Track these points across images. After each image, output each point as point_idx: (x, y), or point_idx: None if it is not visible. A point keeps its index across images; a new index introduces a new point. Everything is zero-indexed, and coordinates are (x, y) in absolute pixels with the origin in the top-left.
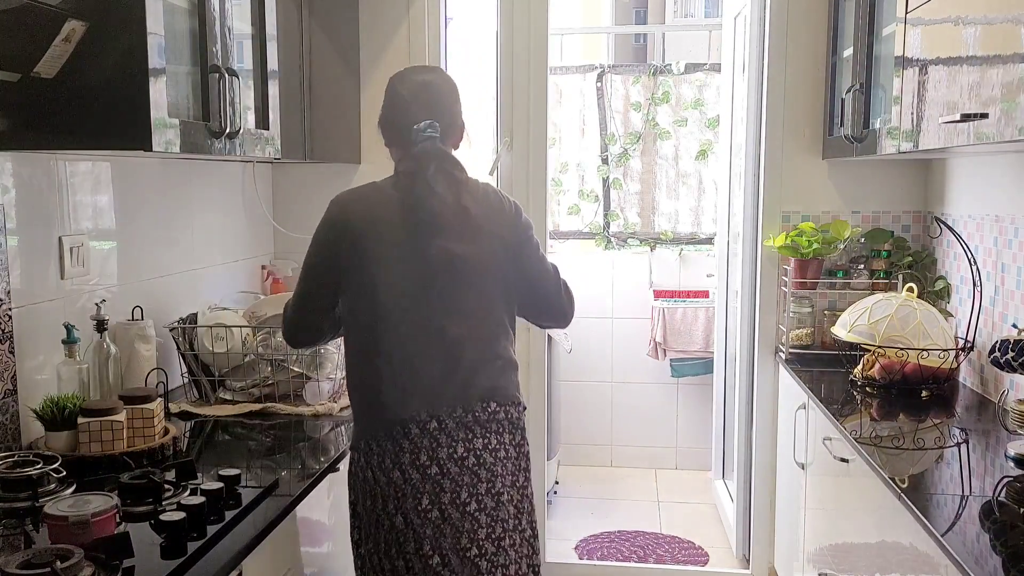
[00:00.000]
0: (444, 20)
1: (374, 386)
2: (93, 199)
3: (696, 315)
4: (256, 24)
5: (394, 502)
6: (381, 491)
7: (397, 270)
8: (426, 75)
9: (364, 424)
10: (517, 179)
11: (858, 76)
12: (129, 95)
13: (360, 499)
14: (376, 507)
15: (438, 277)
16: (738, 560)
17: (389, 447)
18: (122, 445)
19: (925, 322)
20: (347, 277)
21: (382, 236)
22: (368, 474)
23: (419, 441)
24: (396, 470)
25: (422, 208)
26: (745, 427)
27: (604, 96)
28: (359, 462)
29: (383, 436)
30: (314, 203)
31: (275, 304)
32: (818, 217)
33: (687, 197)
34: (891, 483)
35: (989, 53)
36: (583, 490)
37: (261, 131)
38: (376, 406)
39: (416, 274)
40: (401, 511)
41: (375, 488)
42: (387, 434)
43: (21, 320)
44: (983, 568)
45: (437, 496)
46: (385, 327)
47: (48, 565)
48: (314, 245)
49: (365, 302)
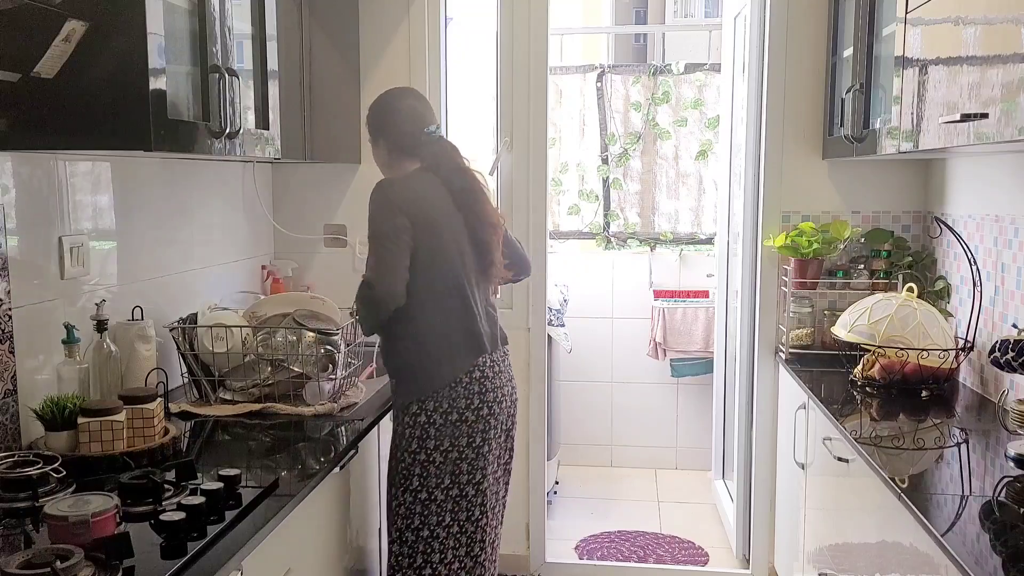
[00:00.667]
0: (444, 20)
1: (448, 337)
2: (93, 199)
3: (696, 315)
4: (256, 24)
5: (468, 435)
6: (467, 425)
7: (449, 237)
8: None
9: (437, 373)
10: (517, 179)
11: (858, 76)
12: (129, 95)
13: (434, 441)
14: (454, 442)
15: (473, 241)
16: (738, 560)
17: (471, 388)
18: (122, 445)
19: (925, 322)
20: (418, 244)
21: (436, 207)
22: (463, 412)
23: (485, 378)
24: (479, 402)
25: (459, 184)
26: (745, 427)
27: (604, 96)
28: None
29: (463, 380)
30: (314, 203)
31: (275, 304)
32: (818, 217)
33: (687, 197)
34: (891, 483)
35: (989, 53)
36: (583, 490)
37: (261, 131)
38: (455, 351)
39: (461, 239)
40: (471, 443)
41: (465, 421)
42: (468, 376)
43: (21, 320)
44: (983, 568)
45: (492, 424)
46: (450, 286)
47: (48, 565)
48: (384, 217)
49: (436, 265)
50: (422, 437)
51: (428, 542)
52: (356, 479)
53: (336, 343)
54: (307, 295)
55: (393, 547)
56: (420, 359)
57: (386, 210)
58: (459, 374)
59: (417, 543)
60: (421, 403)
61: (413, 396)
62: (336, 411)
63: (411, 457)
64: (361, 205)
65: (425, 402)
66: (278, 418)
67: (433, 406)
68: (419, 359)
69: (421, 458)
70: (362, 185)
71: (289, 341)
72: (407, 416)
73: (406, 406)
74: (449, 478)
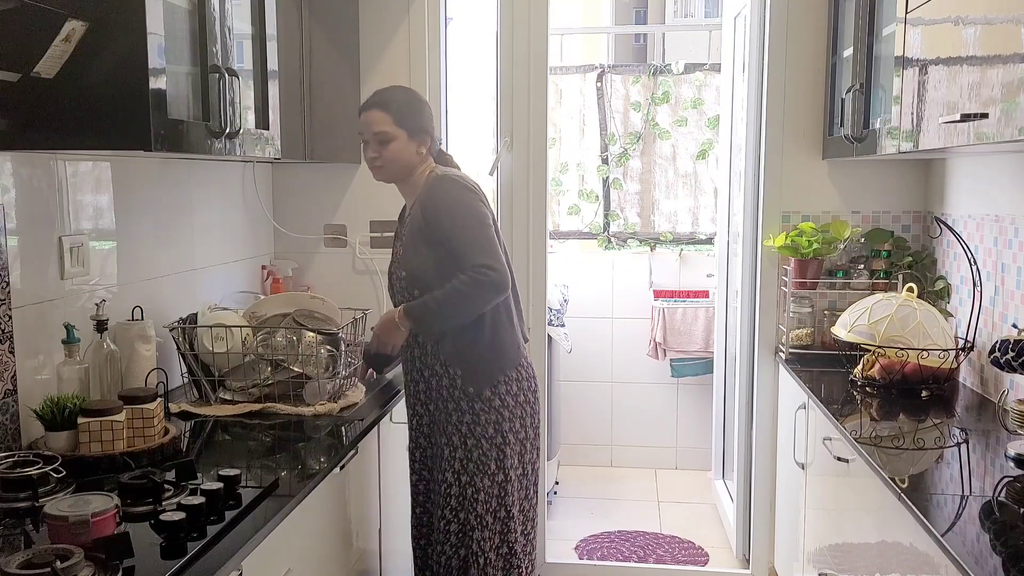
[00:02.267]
0: (444, 20)
1: (512, 322)
2: (93, 199)
3: (696, 315)
4: (256, 24)
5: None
6: (530, 407)
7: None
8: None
9: (508, 357)
10: (517, 179)
11: (858, 76)
12: (129, 95)
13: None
14: (523, 422)
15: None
16: (738, 560)
17: (528, 371)
18: (122, 445)
19: (925, 322)
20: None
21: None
22: (527, 395)
23: (530, 363)
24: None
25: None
26: (745, 427)
27: (604, 96)
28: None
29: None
30: (314, 203)
31: (275, 304)
32: (818, 217)
33: (687, 197)
34: (891, 483)
35: (989, 53)
36: (583, 490)
37: (261, 131)
38: (516, 337)
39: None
40: (533, 423)
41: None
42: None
43: (21, 320)
44: (983, 568)
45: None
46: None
47: (48, 565)
48: (474, 204)
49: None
50: (498, 421)
51: (506, 522)
52: (356, 479)
53: (336, 343)
54: (307, 295)
55: (475, 534)
56: (494, 344)
57: (471, 197)
58: (521, 357)
59: (496, 524)
60: (494, 387)
61: (489, 382)
62: (336, 411)
63: (488, 442)
64: (361, 205)
65: (498, 386)
66: (278, 418)
67: (505, 389)
68: (492, 344)
69: (498, 441)
70: (362, 185)
71: (289, 341)
72: (479, 403)
73: (478, 393)
74: (518, 458)
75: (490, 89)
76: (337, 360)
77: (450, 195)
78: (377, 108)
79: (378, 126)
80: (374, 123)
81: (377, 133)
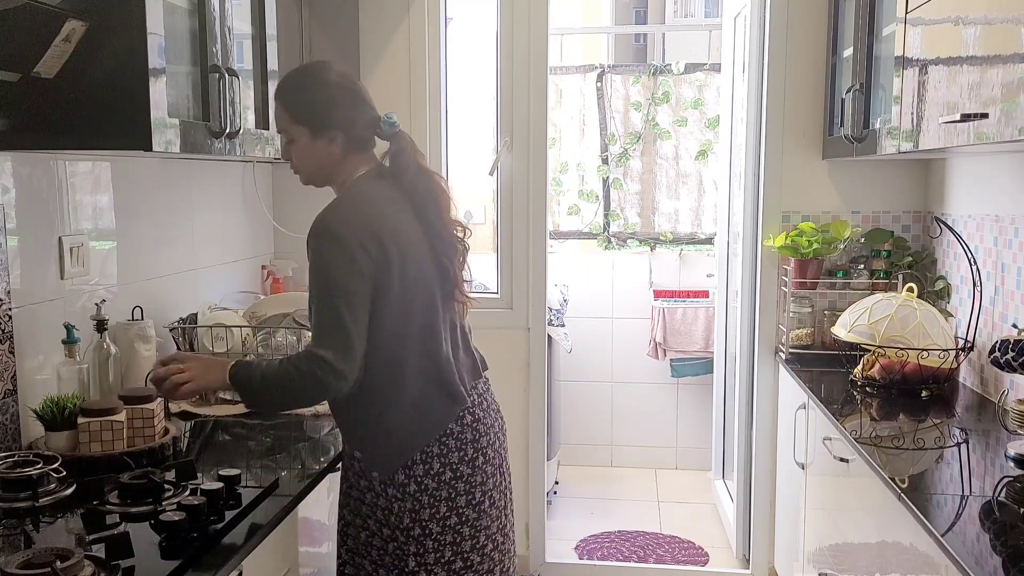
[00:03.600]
0: (444, 20)
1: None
2: (93, 199)
3: (696, 315)
4: (256, 24)
5: (465, 494)
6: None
7: (414, 267)
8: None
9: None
10: (517, 179)
11: (858, 76)
12: (129, 95)
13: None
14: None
15: (435, 261)
16: (738, 560)
17: (464, 436)
18: (122, 445)
19: (925, 322)
20: (383, 288)
21: (401, 231)
22: (445, 474)
23: (476, 420)
24: (473, 452)
25: (422, 189)
26: (745, 427)
27: (604, 96)
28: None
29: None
30: (314, 203)
31: (275, 304)
32: (818, 217)
33: (687, 197)
34: (891, 483)
35: (989, 53)
36: (583, 490)
37: (261, 131)
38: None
39: (425, 264)
40: (471, 501)
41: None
42: (458, 423)
43: (21, 320)
44: (983, 568)
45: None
46: (422, 329)
47: (48, 565)
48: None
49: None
50: (414, 509)
51: None
52: None
53: None
54: (307, 295)
55: None
56: (398, 420)
57: (346, 257)
58: (447, 424)
59: None
60: (408, 470)
61: (398, 463)
62: None
63: (404, 535)
64: None
65: (413, 468)
66: (278, 418)
67: (423, 470)
68: (397, 421)
69: (416, 533)
70: None
71: (289, 341)
72: (393, 488)
73: (390, 478)
74: (450, 549)
75: (490, 89)
76: None
77: (319, 249)
78: (277, 100)
79: (279, 123)
80: (276, 119)
81: (280, 132)
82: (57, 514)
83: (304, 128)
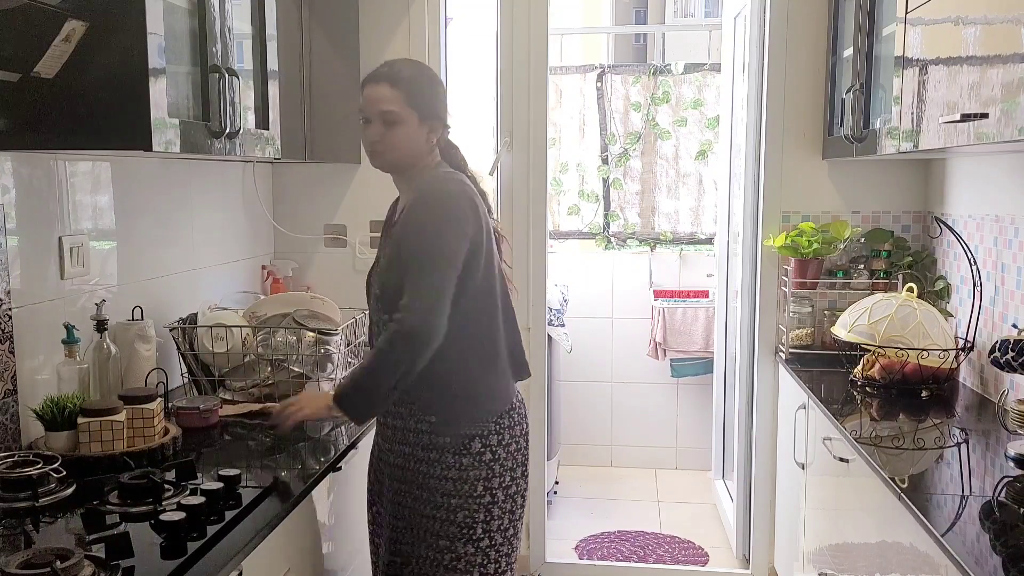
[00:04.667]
0: (444, 20)
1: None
2: (93, 199)
3: (696, 315)
4: (256, 24)
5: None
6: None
7: (490, 246)
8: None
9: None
10: (517, 179)
11: (858, 76)
12: (129, 95)
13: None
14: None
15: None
16: (738, 560)
17: (520, 410)
18: (122, 445)
19: (925, 322)
20: (475, 260)
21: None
22: (511, 446)
23: (523, 401)
24: (527, 427)
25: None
26: (745, 427)
27: (604, 96)
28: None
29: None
30: (314, 203)
31: (275, 304)
32: (818, 217)
33: (687, 197)
34: (891, 483)
35: (989, 53)
36: (583, 490)
37: (261, 131)
38: (506, 374)
39: (493, 247)
40: (524, 473)
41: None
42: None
43: (21, 320)
44: (983, 568)
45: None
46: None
47: (48, 565)
48: (449, 239)
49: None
50: (487, 477)
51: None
52: (356, 479)
53: (336, 343)
54: (307, 295)
55: None
56: (476, 387)
57: (455, 229)
58: (513, 398)
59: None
60: (484, 438)
61: (475, 430)
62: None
63: (475, 503)
64: (361, 205)
65: (487, 436)
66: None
67: (496, 440)
68: (475, 387)
69: (486, 501)
70: (362, 185)
71: (289, 341)
72: (468, 457)
73: (466, 444)
74: (508, 517)
75: (490, 89)
76: (336, 360)
77: (432, 213)
78: (386, 83)
79: (385, 104)
80: (381, 100)
81: (383, 112)
82: (57, 514)
83: (415, 112)
